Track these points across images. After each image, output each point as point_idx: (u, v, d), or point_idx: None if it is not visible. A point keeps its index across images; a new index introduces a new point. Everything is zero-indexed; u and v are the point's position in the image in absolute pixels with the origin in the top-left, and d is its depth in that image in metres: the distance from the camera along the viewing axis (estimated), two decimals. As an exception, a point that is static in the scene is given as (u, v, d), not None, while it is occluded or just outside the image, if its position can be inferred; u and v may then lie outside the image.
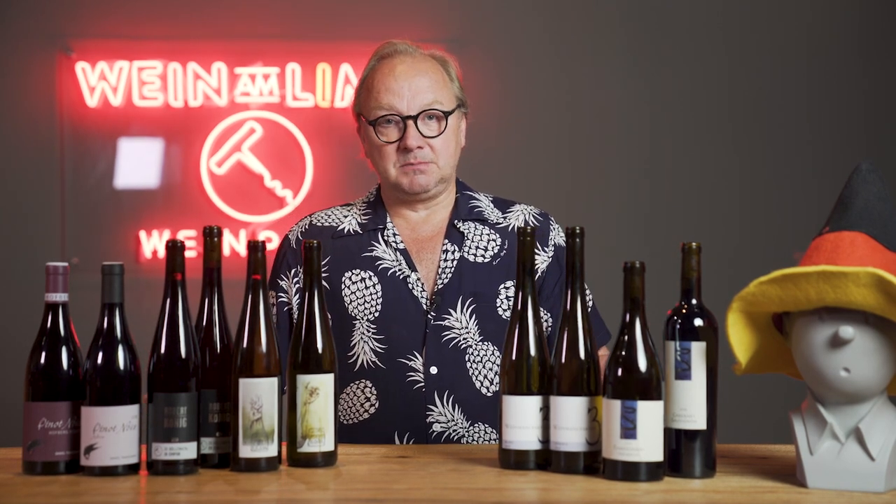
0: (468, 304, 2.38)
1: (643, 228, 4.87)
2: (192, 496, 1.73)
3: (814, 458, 1.75)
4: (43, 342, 1.88)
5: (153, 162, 4.92)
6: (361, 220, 2.48)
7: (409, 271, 2.40)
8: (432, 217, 2.47)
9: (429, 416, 2.34)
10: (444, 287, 2.39)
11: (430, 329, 2.36)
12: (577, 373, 1.84)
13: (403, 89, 2.39)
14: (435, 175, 2.41)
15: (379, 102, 2.40)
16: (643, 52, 4.96)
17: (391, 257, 2.41)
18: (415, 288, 2.38)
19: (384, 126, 2.41)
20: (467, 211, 2.48)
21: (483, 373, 2.37)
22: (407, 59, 2.44)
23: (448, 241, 2.43)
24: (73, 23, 4.87)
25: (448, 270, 2.40)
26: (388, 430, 2.34)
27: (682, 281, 1.83)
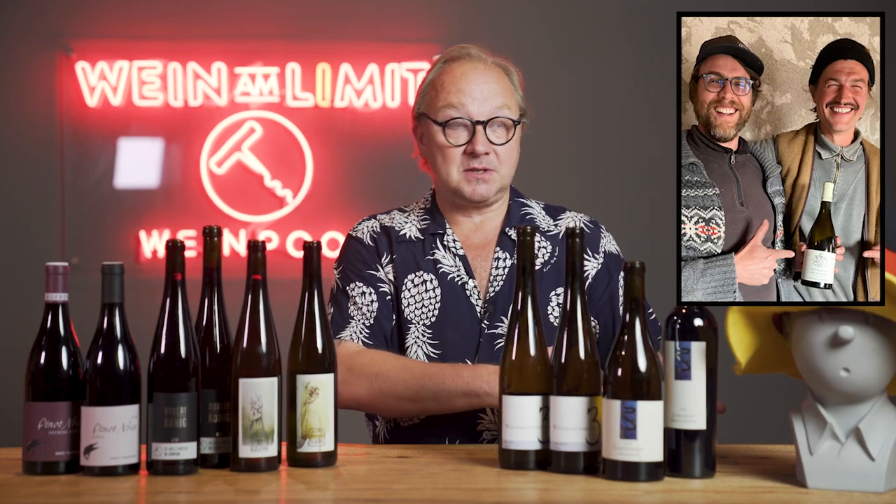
0: None
1: (643, 228, 4.87)
2: (192, 496, 1.73)
3: (814, 459, 1.75)
4: (43, 342, 1.88)
5: (153, 162, 4.92)
6: (421, 224, 2.47)
7: (467, 277, 2.40)
8: (485, 225, 2.47)
9: (479, 423, 2.34)
10: (496, 295, 2.39)
11: (483, 338, 2.36)
12: (576, 373, 1.84)
13: (475, 93, 2.39)
14: (496, 184, 2.41)
15: (450, 103, 2.39)
16: (643, 51, 4.96)
17: (451, 262, 2.41)
18: (472, 295, 2.38)
19: (453, 129, 2.40)
20: (519, 218, 2.48)
21: None
22: (479, 65, 2.44)
23: (500, 249, 2.43)
24: (73, 22, 4.87)
25: (500, 278, 2.40)
26: (440, 436, 2.34)
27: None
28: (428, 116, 2.43)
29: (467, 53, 2.45)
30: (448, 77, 2.42)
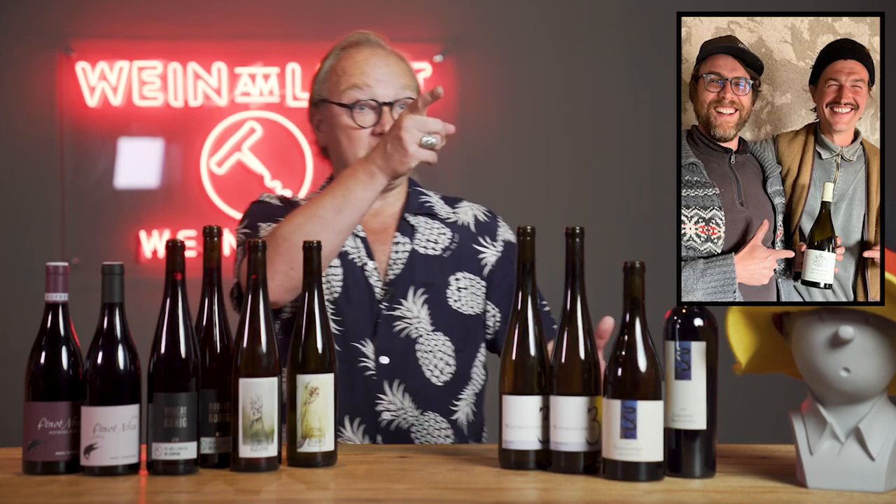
0: (420, 294, 2.39)
1: (643, 228, 4.87)
2: (192, 496, 1.73)
3: (814, 458, 1.75)
4: (43, 342, 1.88)
5: (153, 162, 4.92)
6: None
7: (367, 259, 2.41)
8: (384, 210, 2.48)
9: (378, 403, 2.34)
10: (395, 278, 2.40)
11: (381, 319, 2.37)
12: (577, 373, 1.84)
13: (379, 75, 2.41)
14: None
15: (355, 85, 2.40)
16: (643, 51, 4.96)
17: (352, 243, 2.42)
18: (371, 276, 2.40)
19: (359, 111, 2.41)
20: (418, 206, 2.50)
21: (433, 362, 2.38)
22: (378, 50, 2.46)
23: (399, 234, 2.45)
24: (73, 22, 4.87)
25: (400, 262, 2.42)
26: (341, 410, 2.33)
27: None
28: (331, 101, 2.44)
29: (366, 39, 2.48)
30: (349, 62, 2.44)
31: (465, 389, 2.41)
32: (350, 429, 2.32)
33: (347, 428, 2.33)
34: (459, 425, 2.40)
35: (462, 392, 2.40)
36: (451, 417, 2.38)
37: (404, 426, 2.34)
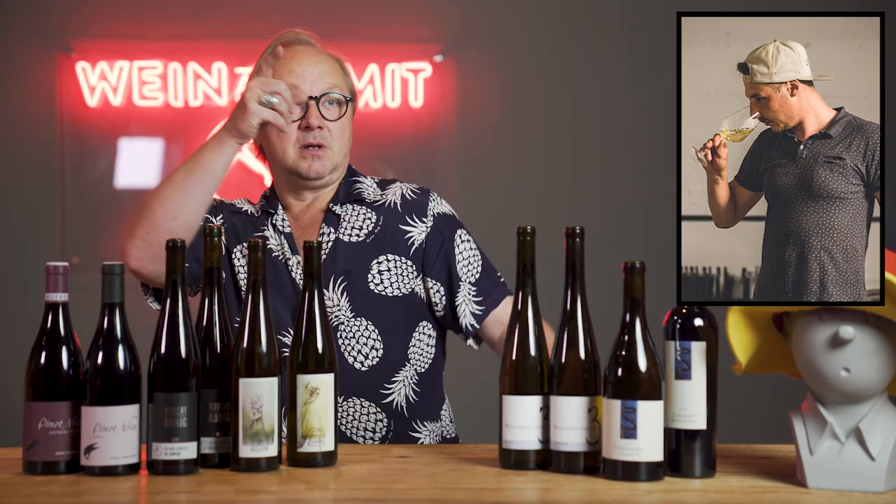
0: (339, 283, 2.41)
1: (643, 228, 4.87)
2: (193, 496, 1.73)
3: (814, 458, 1.75)
4: (43, 342, 1.88)
5: (153, 162, 4.92)
6: (258, 206, 2.54)
7: (290, 255, 2.44)
8: (315, 204, 2.51)
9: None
10: None
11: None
12: (577, 373, 1.84)
13: (307, 73, 2.45)
14: (330, 161, 2.45)
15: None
16: (643, 51, 4.97)
17: (276, 241, 2.45)
18: (294, 270, 2.42)
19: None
20: (346, 194, 2.52)
21: (356, 348, 2.38)
22: (308, 49, 2.50)
23: (325, 225, 2.47)
24: (74, 22, 4.87)
25: (323, 253, 2.43)
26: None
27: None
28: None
29: (297, 39, 2.52)
30: (279, 61, 2.47)
31: (400, 371, 2.41)
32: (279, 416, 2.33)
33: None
34: (396, 408, 2.40)
35: (396, 375, 2.41)
36: (382, 401, 2.39)
37: None
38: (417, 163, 4.95)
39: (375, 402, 2.38)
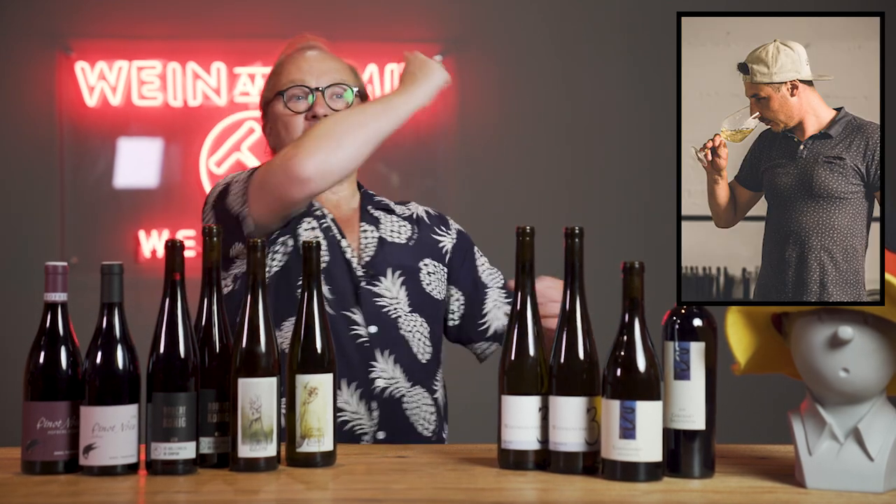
0: (397, 276, 2.44)
1: (643, 228, 4.87)
2: (191, 496, 1.73)
3: (813, 459, 1.75)
4: (42, 342, 1.87)
5: (152, 161, 4.92)
6: None
7: (340, 237, 2.44)
8: (343, 203, 2.52)
9: (371, 371, 2.36)
10: (371, 259, 2.44)
11: (361, 291, 2.40)
12: (576, 373, 1.84)
13: (314, 68, 2.50)
14: None
15: (291, 79, 2.49)
16: (643, 51, 4.96)
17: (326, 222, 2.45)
18: (346, 252, 2.43)
19: (293, 99, 2.47)
20: (374, 203, 2.56)
21: (413, 342, 2.41)
22: (316, 51, 2.55)
23: (365, 223, 2.50)
24: (73, 22, 4.87)
25: (371, 246, 2.46)
26: (339, 374, 2.34)
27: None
28: (271, 98, 2.52)
29: (309, 45, 2.57)
30: (289, 61, 2.53)
31: (439, 371, 2.47)
32: (347, 391, 2.35)
33: (345, 391, 2.35)
34: (439, 405, 2.45)
35: (438, 373, 2.46)
36: (433, 395, 2.43)
37: (396, 395, 2.37)
38: (417, 163, 4.95)
39: (430, 395, 2.42)
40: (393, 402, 2.36)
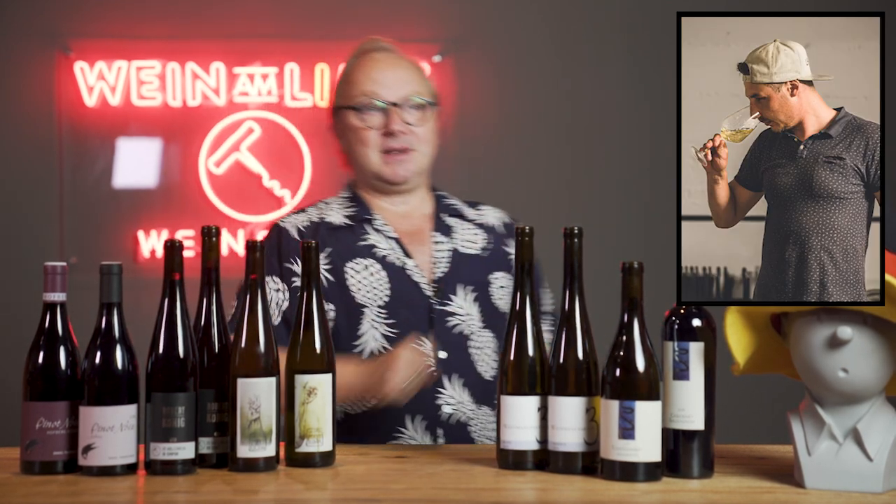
0: (469, 291, 2.42)
1: (643, 228, 4.87)
2: (191, 496, 1.73)
3: (812, 459, 1.75)
4: (41, 342, 1.87)
5: (151, 162, 4.91)
6: (347, 212, 2.50)
7: (405, 259, 2.42)
8: (413, 212, 2.51)
9: (438, 398, 2.35)
10: (443, 276, 2.43)
11: (434, 314, 2.39)
12: (575, 373, 1.84)
13: (388, 79, 2.46)
14: (415, 163, 2.46)
15: (363, 90, 2.46)
16: (643, 51, 4.96)
17: (386, 245, 2.44)
18: (414, 274, 2.41)
19: (368, 113, 2.45)
20: (446, 207, 2.54)
21: (483, 358, 2.40)
22: (390, 56, 2.52)
23: (438, 234, 2.48)
24: (72, 22, 4.87)
25: (444, 260, 2.44)
26: (400, 413, 2.34)
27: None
28: (343, 107, 2.49)
29: (379, 46, 2.53)
30: (360, 68, 2.50)
31: None
32: (412, 427, 2.34)
33: (409, 427, 2.34)
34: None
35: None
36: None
37: (463, 420, 2.36)
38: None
39: (494, 410, 2.39)
40: (460, 427, 2.35)
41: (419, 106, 2.46)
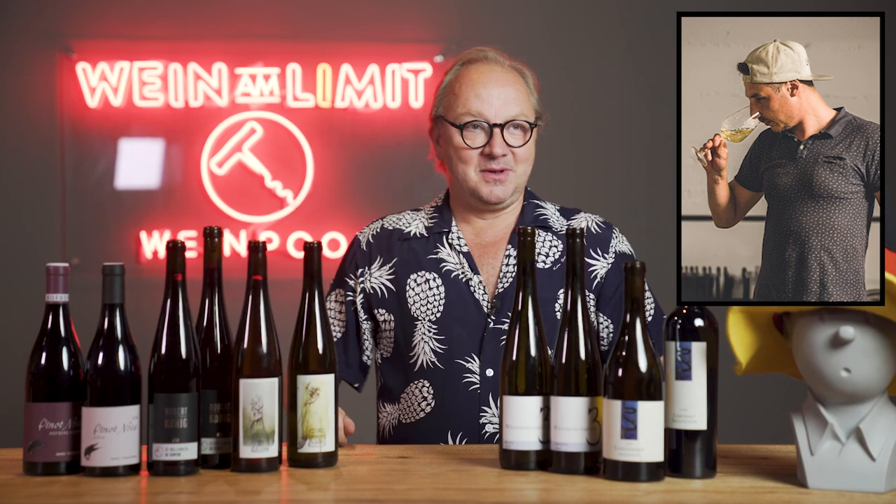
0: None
1: (643, 228, 4.87)
2: (193, 497, 1.73)
3: (814, 459, 1.75)
4: (43, 343, 1.88)
5: (154, 162, 4.92)
6: (428, 223, 2.50)
7: (471, 274, 2.42)
8: (498, 223, 2.50)
9: (482, 416, 2.36)
10: (504, 291, 2.41)
11: (488, 332, 2.38)
12: (577, 373, 1.84)
13: (493, 97, 2.43)
14: (512, 184, 2.45)
15: (468, 108, 2.42)
16: (643, 51, 4.97)
17: (455, 260, 2.44)
18: (476, 291, 2.41)
19: (470, 130, 2.43)
20: (532, 218, 2.51)
21: None
22: (495, 68, 2.48)
23: (511, 247, 2.46)
24: (74, 23, 4.87)
25: (509, 275, 2.43)
26: (443, 429, 2.36)
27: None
28: (446, 119, 2.46)
29: (484, 56, 2.49)
30: (465, 81, 2.46)
31: None
32: (454, 443, 2.35)
33: (450, 442, 2.35)
34: None
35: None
36: None
37: None
38: (417, 164, 4.95)
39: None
40: None
41: (521, 127, 2.44)
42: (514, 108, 2.43)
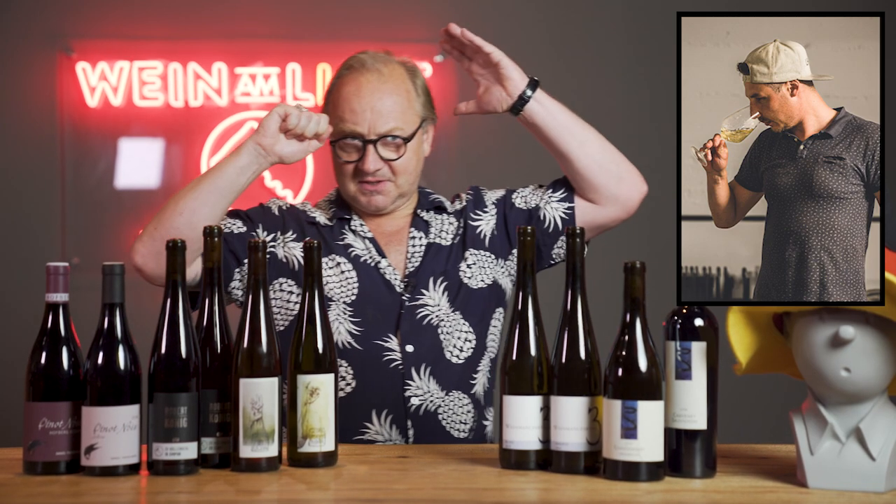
0: (440, 283, 2.44)
1: (643, 228, 4.87)
2: (193, 496, 1.73)
3: (814, 458, 1.75)
4: (43, 342, 1.88)
5: (154, 162, 4.92)
6: (328, 213, 2.52)
7: (379, 258, 2.44)
8: (397, 213, 2.53)
9: (406, 390, 2.36)
10: (415, 270, 2.45)
11: (404, 310, 2.40)
12: (577, 373, 1.84)
13: (366, 112, 2.41)
14: (392, 194, 2.46)
15: (342, 125, 2.43)
16: (643, 51, 4.97)
17: (361, 245, 2.46)
18: (386, 272, 2.43)
19: (346, 144, 2.43)
20: (428, 203, 2.55)
21: (453, 342, 2.41)
22: (371, 79, 2.44)
23: (414, 229, 2.50)
24: (74, 23, 4.87)
25: (418, 255, 2.47)
26: (366, 407, 2.36)
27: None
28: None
29: (361, 64, 2.47)
30: (342, 94, 2.45)
31: (482, 360, 2.45)
32: (377, 423, 2.35)
33: (375, 423, 2.35)
34: (477, 397, 2.44)
35: (479, 364, 2.45)
36: (470, 392, 2.42)
37: (431, 409, 2.37)
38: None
39: (466, 393, 2.42)
40: (428, 417, 2.37)
41: (396, 142, 2.43)
42: (389, 122, 2.41)
